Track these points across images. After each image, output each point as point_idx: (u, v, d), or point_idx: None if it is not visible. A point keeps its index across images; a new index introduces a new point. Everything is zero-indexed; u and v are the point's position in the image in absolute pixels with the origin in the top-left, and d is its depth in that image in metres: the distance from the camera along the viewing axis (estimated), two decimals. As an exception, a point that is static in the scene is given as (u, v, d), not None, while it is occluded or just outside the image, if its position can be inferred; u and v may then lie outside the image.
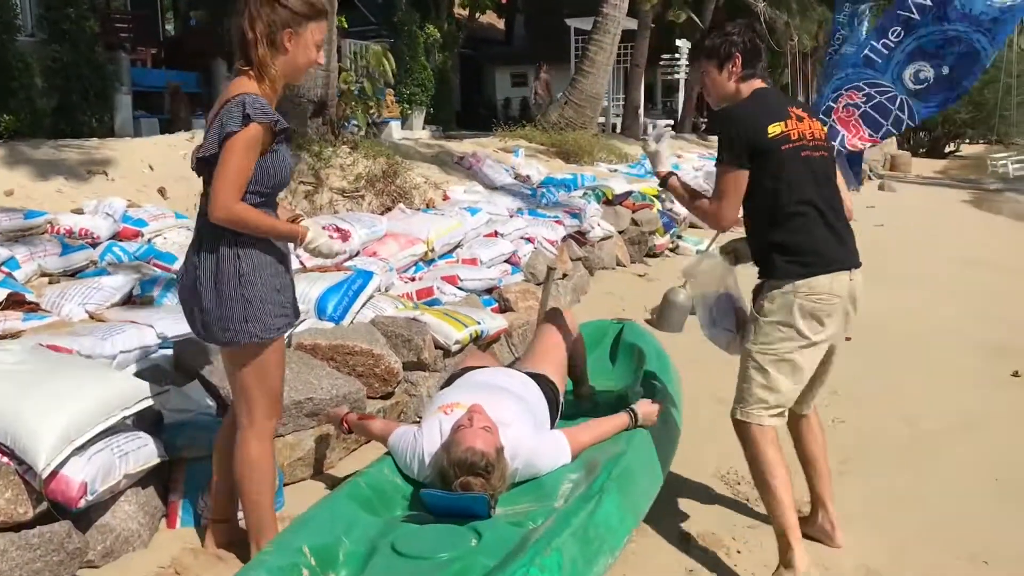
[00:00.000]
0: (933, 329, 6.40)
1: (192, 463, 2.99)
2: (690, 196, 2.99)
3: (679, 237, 9.51)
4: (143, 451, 2.76)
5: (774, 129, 2.74)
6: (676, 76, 23.43)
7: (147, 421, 3.05)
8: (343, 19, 8.77)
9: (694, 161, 14.68)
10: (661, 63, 23.88)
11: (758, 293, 2.88)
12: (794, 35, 24.55)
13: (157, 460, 2.84)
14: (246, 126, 2.31)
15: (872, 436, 4.23)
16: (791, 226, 2.76)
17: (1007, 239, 12.77)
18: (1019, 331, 6.35)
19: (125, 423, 2.80)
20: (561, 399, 3.33)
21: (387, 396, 3.91)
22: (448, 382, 3.41)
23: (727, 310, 3.13)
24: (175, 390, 3.29)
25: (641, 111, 17.79)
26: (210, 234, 2.45)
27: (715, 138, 3.14)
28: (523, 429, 2.89)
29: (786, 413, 2.90)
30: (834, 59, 9.19)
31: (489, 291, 5.57)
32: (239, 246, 2.44)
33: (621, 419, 3.11)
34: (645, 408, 3.16)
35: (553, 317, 3.62)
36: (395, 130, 13.33)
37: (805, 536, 2.88)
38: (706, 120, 26.40)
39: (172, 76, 11.39)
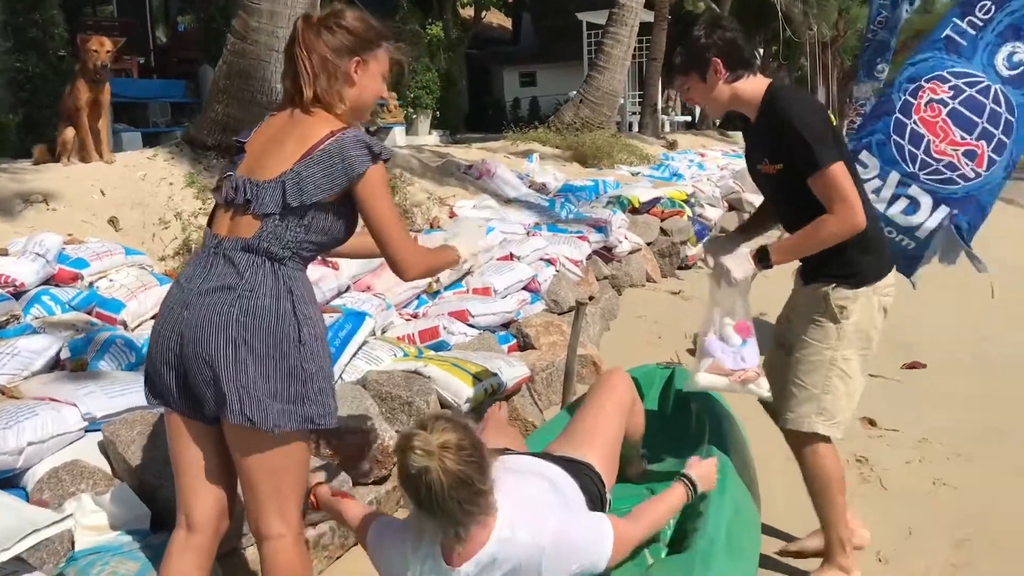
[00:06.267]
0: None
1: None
2: (805, 236, 2.57)
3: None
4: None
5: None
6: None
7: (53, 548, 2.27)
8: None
9: (719, 159, 13.81)
10: (677, 57, 23.06)
11: (814, 297, 2.68)
12: (812, 24, 23.70)
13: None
14: (376, 163, 1.97)
15: (993, 507, 3.37)
16: (868, 221, 2.58)
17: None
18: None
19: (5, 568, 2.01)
20: (608, 495, 2.48)
21: (381, 480, 3.08)
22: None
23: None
24: (92, 500, 2.47)
25: (659, 108, 16.90)
26: (264, 281, 1.90)
27: (737, 134, 2.80)
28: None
29: None
30: (873, 43, 8.22)
31: (506, 326, 4.73)
32: (298, 303, 1.92)
33: (676, 493, 2.35)
34: (699, 470, 2.42)
35: (607, 382, 2.77)
36: (399, 136, 12.51)
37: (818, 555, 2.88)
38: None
39: (156, 87, 10.65)
